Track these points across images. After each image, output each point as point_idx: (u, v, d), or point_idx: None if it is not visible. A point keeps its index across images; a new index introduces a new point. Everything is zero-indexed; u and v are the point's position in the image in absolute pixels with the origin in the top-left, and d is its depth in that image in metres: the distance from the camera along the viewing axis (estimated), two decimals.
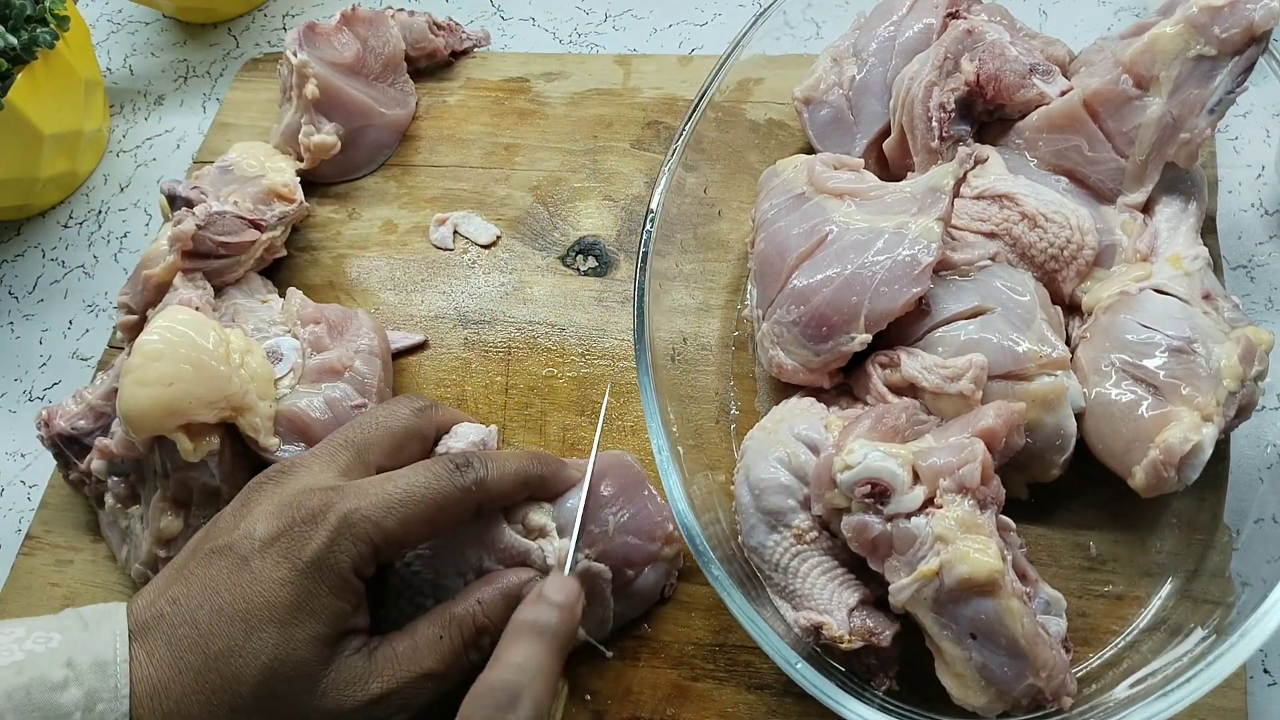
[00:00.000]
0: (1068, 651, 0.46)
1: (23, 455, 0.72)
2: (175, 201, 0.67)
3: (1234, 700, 0.49)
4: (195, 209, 0.66)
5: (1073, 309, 0.54)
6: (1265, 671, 0.51)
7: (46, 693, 0.40)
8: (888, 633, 0.46)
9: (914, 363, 0.51)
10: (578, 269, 0.69)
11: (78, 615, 0.45)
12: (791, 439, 0.50)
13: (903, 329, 0.52)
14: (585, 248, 0.70)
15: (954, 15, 0.59)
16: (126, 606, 0.46)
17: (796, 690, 0.44)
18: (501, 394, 0.65)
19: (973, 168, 0.53)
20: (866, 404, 0.52)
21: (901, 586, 0.44)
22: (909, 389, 0.51)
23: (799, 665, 0.44)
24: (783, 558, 0.49)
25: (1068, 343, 0.52)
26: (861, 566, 0.47)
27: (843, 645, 0.46)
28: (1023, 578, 0.46)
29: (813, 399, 0.54)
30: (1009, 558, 0.44)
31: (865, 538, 0.45)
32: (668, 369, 0.55)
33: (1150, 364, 0.48)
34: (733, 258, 0.64)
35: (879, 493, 0.44)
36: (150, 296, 0.66)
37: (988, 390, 0.49)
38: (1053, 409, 0.49)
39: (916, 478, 0.45)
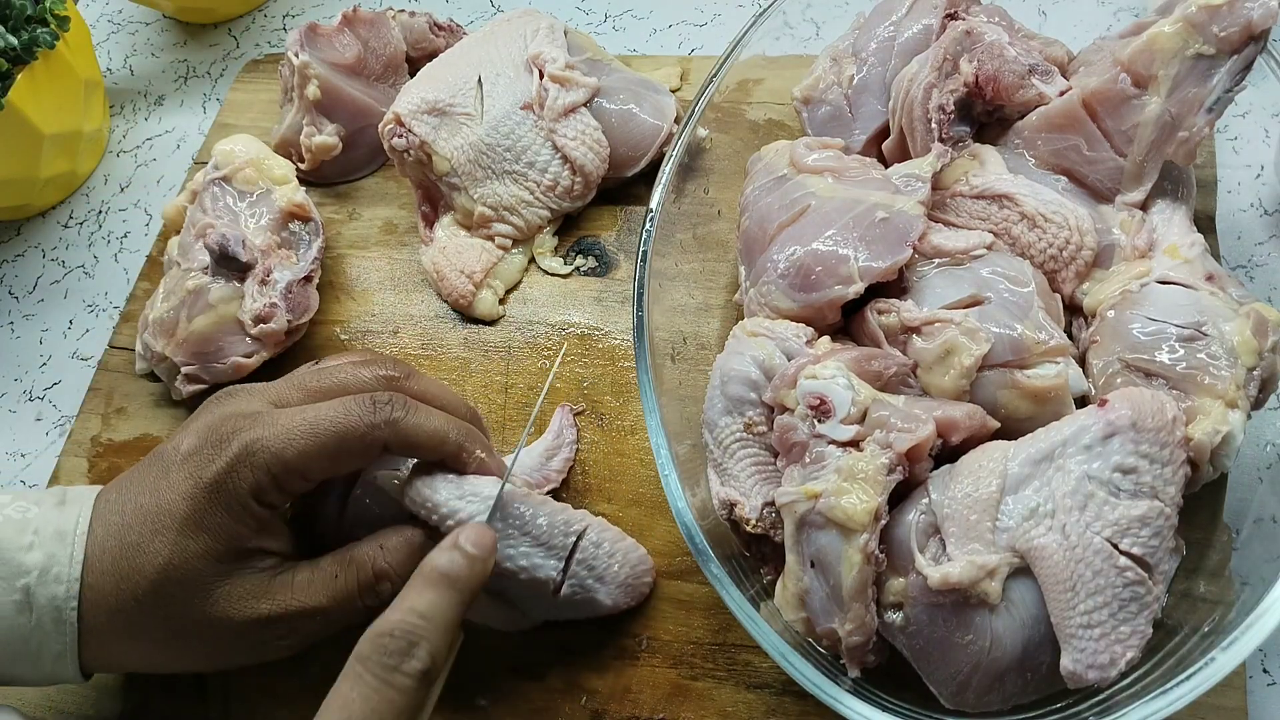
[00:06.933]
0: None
1: (23, 455, 0.72)
2: (226, 260, 0.65)
3: (1234, 699, 0.49)
4: (264, 283, 0.65)
5: (1073, 310, 0.54)
6: (1265, 671, 0.51)
7: (14, 551, 0.48)
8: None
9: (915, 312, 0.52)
10: (578, 269, 0.69)
11: (61, 493, 0.51)
12: (772, 343, 0.52)
13: None
14: (585, 248, 0.70)
15: (953, 16, 0.59)
16: (100, 490, 0.51)
17: (795, 689, 0.44)
18: (501, 393, 0.65)
19: (949, 163, 0.55)
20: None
21: (786, 492, 0.47)
22: (903, 334, 0.52)
23: (798, 663, 0.44)
24: (727, 439, 0.53)
25: (1070, 338, 0.52)
26: None
27: (747, 527, 0.51)
28: (888, 555, 0.46)
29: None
30: (881, 522, 0.45)
31: (787, 439, 0.49)
32: (668, 369, 0.55)
33: (1163, 358, 0.48)
34: (733, 258, 0.64)
35: (822, 410, 0.47)
36: (225, 370, 0.65)
37: (986, 379, 0.49)
38: (1054, 402, 0.48)
39: (862, 419, 0.47)
